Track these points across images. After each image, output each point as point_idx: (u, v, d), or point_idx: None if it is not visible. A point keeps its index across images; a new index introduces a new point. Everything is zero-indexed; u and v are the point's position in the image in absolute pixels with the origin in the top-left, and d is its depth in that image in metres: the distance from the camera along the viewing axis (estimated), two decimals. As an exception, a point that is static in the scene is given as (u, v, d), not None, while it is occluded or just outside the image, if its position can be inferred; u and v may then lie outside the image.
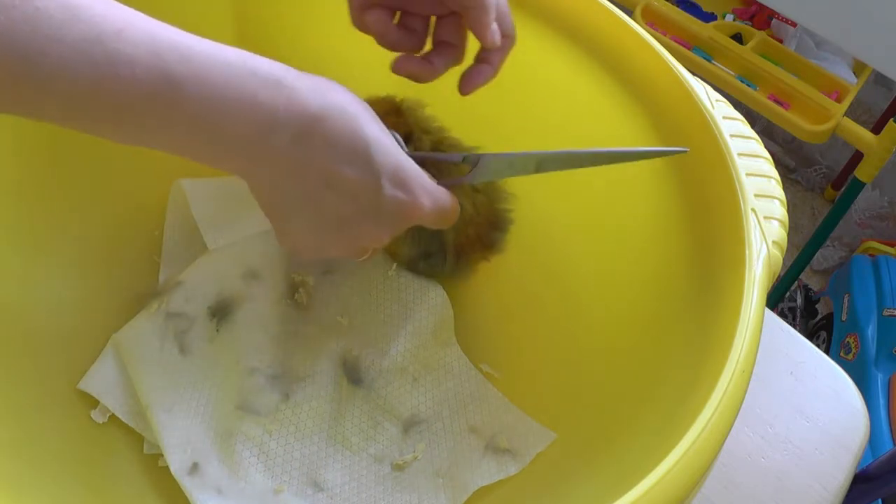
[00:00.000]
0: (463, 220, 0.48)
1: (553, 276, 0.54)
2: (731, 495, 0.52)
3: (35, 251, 0.48)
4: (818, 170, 1.71)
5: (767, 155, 0.44)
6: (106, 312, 0.50)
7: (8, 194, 0.46)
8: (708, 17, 1.31)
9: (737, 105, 0.51)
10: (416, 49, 0.46)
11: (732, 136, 0.44)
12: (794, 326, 0.79)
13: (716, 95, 0.46)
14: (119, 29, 0.29)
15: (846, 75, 1.29)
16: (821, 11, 1.03)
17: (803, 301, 1.47)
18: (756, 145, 0.44)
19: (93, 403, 0.47)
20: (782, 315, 1.43)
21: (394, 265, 0.56)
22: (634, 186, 0.50)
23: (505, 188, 0.52)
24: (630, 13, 1.18)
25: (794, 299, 1.47)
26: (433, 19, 0.46)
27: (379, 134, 0.37)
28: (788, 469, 0.54)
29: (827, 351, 1.30)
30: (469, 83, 0.46)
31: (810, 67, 1.22)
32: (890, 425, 1.12)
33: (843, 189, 1.17)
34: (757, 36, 1.24)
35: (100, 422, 0.46)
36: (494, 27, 0.44)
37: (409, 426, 0.50)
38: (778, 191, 0.42)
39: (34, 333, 0.46)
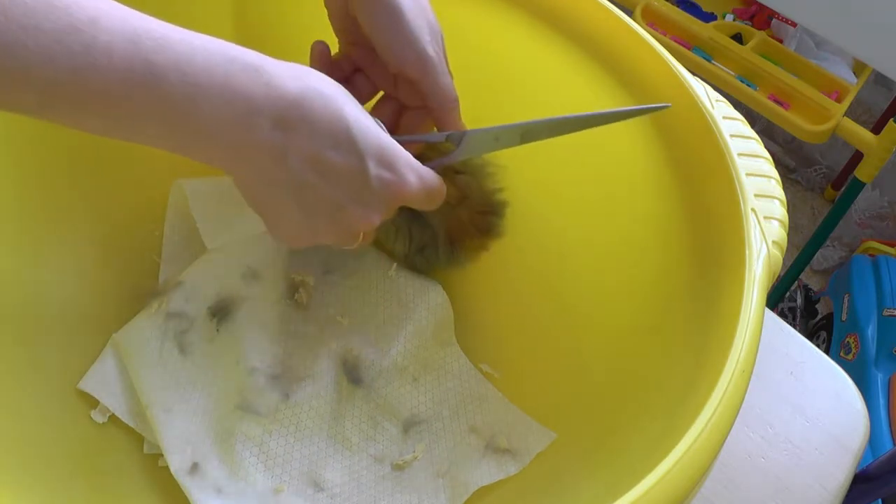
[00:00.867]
0: (449, 204, 0.48)
1: (553, 276, 0.54)
2: (731, 495, 0.52)
3: (35, 251, 0.48)
4: (818, 170, 1.71)
5: (767, 155, 0.44)
6: (106, 312, 0.50)
7: (7, 194, 0.46)
8: (708, 17, 1.31)
9: (737, 105, 0.51)
10: None
11: (732, 136, 0.44)
12: (794, 326, 0.79)
13: (716, 95, 0.46)
14: (93, 17, 0.29)
15: (846, 75, 1.29)
16: (821, 11, 1.03)
17: (803, 301, 1.47)
18: (756, 145, 0.44)
19: (93, 403, 0.47)
20: (782, 315, 1.43)
21: (394, 265, 0.56)
22: (634, 186, 0.50)
23: (491, 165, 0.51)
24: (630, 13, 1.18)
25: (794, 299, 1.47)
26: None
27: (359, 115, 0.37)
28: (788, 469, 0.54)
29: (827, 351, 1.30)
30: None
31: (810, 67, 1.22)
32: (890, 425, 1.12)
33: (843, 189, 1.17)
34: (757, 36, 1.24)
35: (100, 422, 0.46)
36: (459, 125, 0.47)
37: (409, 426, 0.50)
38: (778, 191, 0.42)
39: (34, 333, 0.46)
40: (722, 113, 0.45)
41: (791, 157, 1.72)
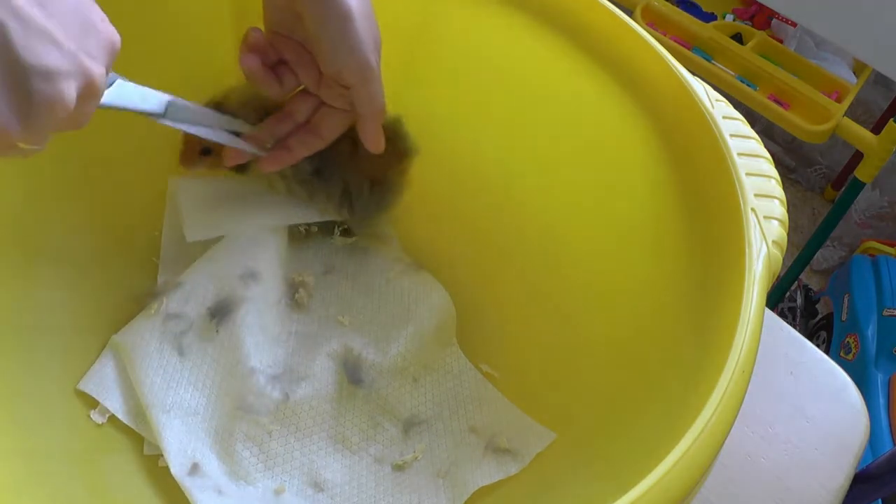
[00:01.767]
0: (349, 153, 0.50)
1: (552, 276, 0.54)
2: (731, 495, 0.52)
3: (34, 251, 0.47)
4: (818, 170, 1.71)
5: (767, 154, 0.44)
6: (105, 313, 0.50)
7: (7, 195, 0.46)
8: (708, 17, 1.31)
9: (737, 105, 0.51)
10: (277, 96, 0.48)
11: (732, 136, 0.44)
12: (794, 326, 0.79)
13: (716, 95, 0.46)
14: None
15: (846, 75, 1.29)
16: (821, 11, 1.03)
17: (803, 301, 1.47)
18: (756, 145, 0.44)
19: (92, 404, 0.47)
20: (782, 315, 1.43)
21: (395, 267, 0.57)
22: (634, 186, 0.50)
23: None
24: (630, 13, 1.18)
25: (794, 299, 1.47)
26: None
27: None
28: (788, 469, 0.54)
29: (827, 351, 1.30)
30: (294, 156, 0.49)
31: (810, 67, 1.22)
32: (890, 425, 1.12)
33: (843, 189, 1.17)
34: (757, 36, 1.24)
35: (99, 422, 0.46)
36: (380, 135, 0.48)
37: (410, 426, 0.50)
38: (778, 190, 0.42)
39: (33, 334, 0.46)
40: (722, 113, 0.45)
41: (791, 157, 1.72)
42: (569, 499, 0.40)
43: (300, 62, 0.47)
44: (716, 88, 0.47)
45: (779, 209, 0.41)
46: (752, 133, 0.45)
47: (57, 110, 0.31)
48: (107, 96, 0.37)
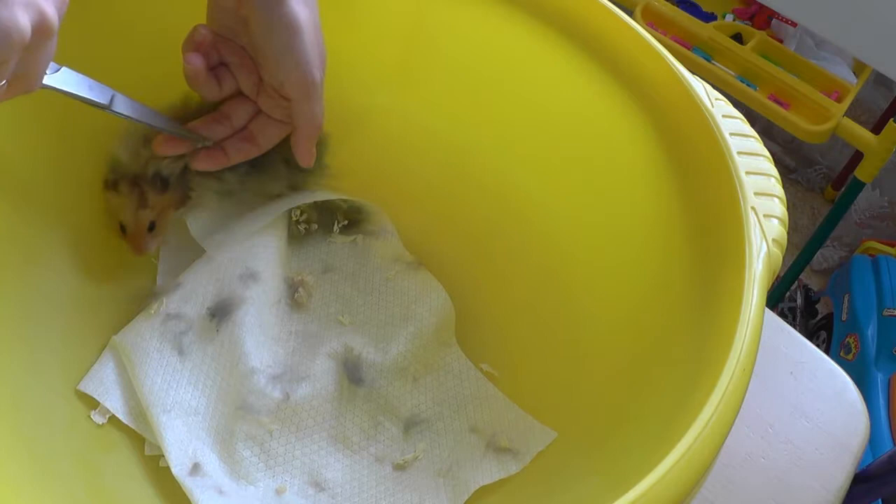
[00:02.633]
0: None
1: (552, 275, 0.54)
2: (731, 495, 0.52)
3: (34, 252, 0.47)
4: (818, 170, 1.71)
5: (767, 153, 0.44)
6: (105, 314, 0.50)
7: (7, 195, 0.46)
8: (708, 17, 1.31)
9: (737, 105, 0.51)
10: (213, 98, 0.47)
11: (732, 135, 0.44)
12: (794, 326, 0.79)
13: (715, 94, 0.46)
14: None
15: (846, 75, 1.29)
16: (821, 11, 1.03)
17: (803, 301, 1.47)
18: (756, 144, 0.44)
19: (93, 404, 0.47)
20: (782, 315, 1.43)
21: (395, 268, 0.57)
22: (634, 185, 0.50)
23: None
24: (630, 13, 1.18)
25: (794, 299, 1.47)
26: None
27: None
28: (788, 469, 0.54)
29: (827, 351, 1.30)
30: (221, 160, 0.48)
31: (810, 67, 1.22)
32: (890, 425, 1.12)
33: (843, 189, 1.17)
34: (757, 36, 1.24)
35: (99, 423, 0.46)
36: (312, 151, 0.47)
37: (410, 426, 0.50)
38: (778, 189, 0.42)
39: (34, 335, 0.46)
40: (721, 112, 0.45)
41: (791, 157, 1.72)
42: (569, 498, 0.40)
43: (241, 67, 0.46)
44: (716, 88, 0.47)
45: (779, 208, 0.42)
46: (752, 132, 0.45)
47: (13, 38, 0.30)
48: (55, 79, 0.40)
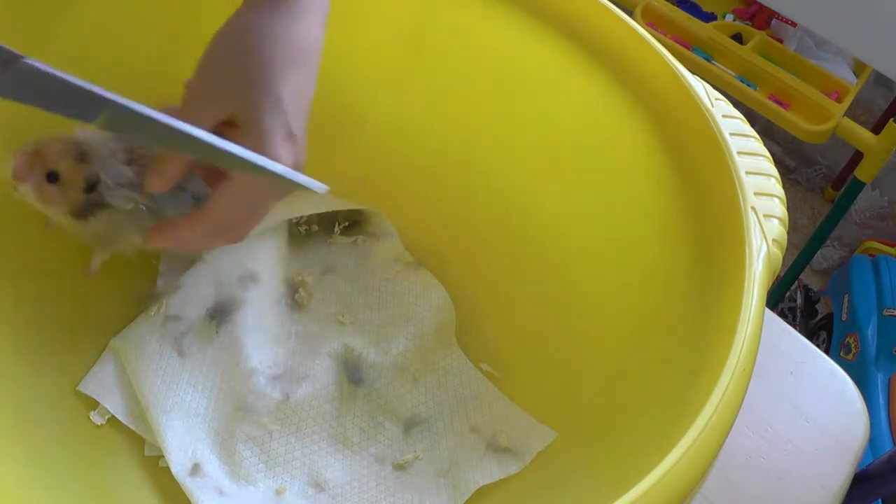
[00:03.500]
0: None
1: (553, 275, 0.54)
2: (731, 495, 0.52)
3: (34, 253, 0.47)
4: (818, 170, 1.71)
5: (767, 153, 0.44)
6: (105, 316, 0.50)
7: (8, 195, 0.46)
8: (708, 17, 1.32)
9: (737, 105, 0.51)
10: None
11: (732, 135, 0.44)
12: (794, 326, 0.79)
13: (715, 94, 0.46)
14: None
15: (846, 75, 1.29)
16: (821, 11, 1.03)
17: (803, 301, 1.47)
18: (756, 143, 0.44)
19: (92, 405, 0.47)
20: (782, 315, 1.43)
21: (395, 269, 0.57)
22: (634, 185, 0.50)
23: None
24: (630, 13, 1.18)
25: (794, 299, 1.47)
26: None
27: None
28: (788, 469, 0.54)
29: (827, 351, 1.30)
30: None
31: (810, 67, 1.22)
32: (890, 425, 1.12)
33: (843, 189, 1.17)
34: (757, 36, 1.24)
35: (98, 424, 0.46)
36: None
37: (410, 426, 0.50)
38: (778, 189, 0.42)
39: (34, 336, 0.46)
40: (721, 112, 0.45)
41: (791, 157, 1.72)
42: (569, 498, 0.40)
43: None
44: (716, 88, 0.47)
45: (779, 208, 0.41)
46: (752, 132, 0.45)
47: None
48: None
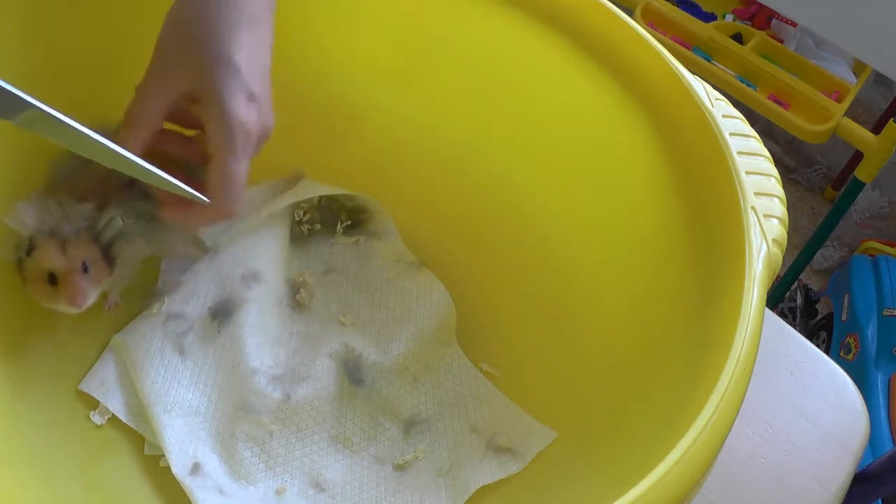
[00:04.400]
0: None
1: (553, 276, 0.54)
2: (731, 495, 0.52)
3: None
4: (818, 170, 1.71)
5: (767, 153, 0.44)
6: (106, 313, 0.50)
7: (8, 195, 0.46)
8: (708, 17, 1.31)
9: (737, 105, 0.51)
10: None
11: (732, 135, 0.44)
12: (794, 326, 0.79)
13: (715, 94, 0.46)
14: None
15: (846, 75, 1.29)
16: (821, 11, 1.03)
17: (803, 301, 1.47)
18: (756, 143, 0.44)
19: (92, 405, 0.47)
20: (782, 315, 1.43)
21: (397, 269, 0.57)
22: (635, 185, 0.50)
23: None
24: (630, 13, 1.18)
25: (794, 299, 1.47)
26: None
27: None
28: (788, 469, 0.54)
29: (827, 351, 1.30)
30: None
31: (810, 67, 1.22)
32: (890, 425, 1.12)
33: (843, 189, 1.17)
34: (757, 36, 1.24)
35: (98, 423, 0.46)
36: (222, 190, 0.42)
37: (410, 426, 0.50)
38: (778, 189, 0.42)
39: (34, 335, 0.46)
40: (721, 111, 0.45)
41: (791, 157, 1.72)
42: (569, 498, 0.40)
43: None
44: (716, 88, 0.47)
45: (779, 208, 0.42)
46: (752, 132, 0.45)
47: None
48: None
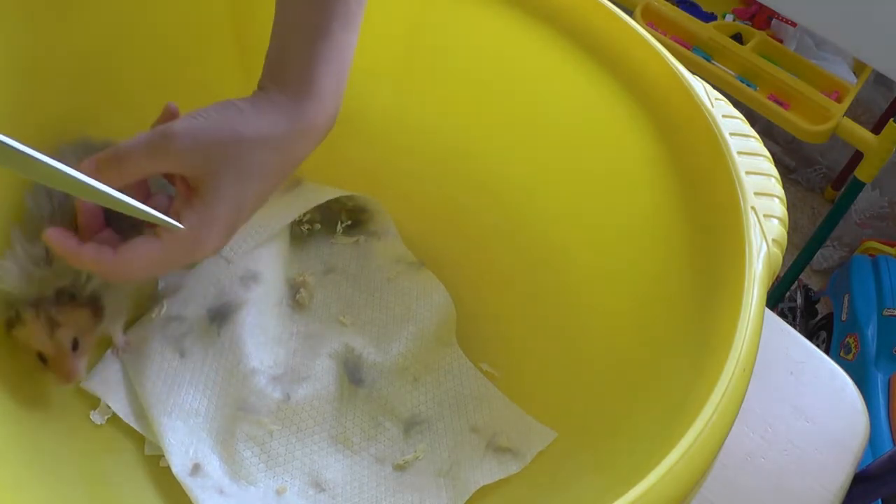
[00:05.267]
0: None
1: (553, 276, 0.54)
2: (731, 495, 0.52)
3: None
4: (818, 170, 1.71)
5: (767, 153, 0.44)
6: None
7: (9, 195, 0.46)
8: (708, 17, 1.32)
9: (737, 105, 0.51)
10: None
11: (732, 135, 0.44)
12: (794, 326, 0.79)
13: (715, 94, 0.46)
14: None
15: (846, 75, 1.29)
16: (821, 11, 1.03)
17: (803, 301, 1.47)
18: (755, 143, 0.44)
19: (93, 404, 0.47)
20: (782, 315, 1.43)
21: (397, 270, 0.57)
22: (634, 185, 0.50)
23: None
24: (630, 13, 1.18)
25: (794, 299, 1.47)
26: None
27: None
28: (788, 469, 0.54)
29: (827, 351, 1.30)
30: None
31: (810, 67, 1.22)
32: (890, 425, 1.12)
33: (843, 189, 1.17)
34: (757, 36, 1.24)
35: (99, 423, 0.46)
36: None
37: (411, 426, 0.50)
38: (778, 189, 0.42)
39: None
40: (721, 111, 0.45)
41: (791, 157, 1.72)
42: (569, 497, 0.40)
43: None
44: (716, 88, 0.47)
45: (779, 208, 0.41)
46: (752, 132, 0.45)
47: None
48: None
